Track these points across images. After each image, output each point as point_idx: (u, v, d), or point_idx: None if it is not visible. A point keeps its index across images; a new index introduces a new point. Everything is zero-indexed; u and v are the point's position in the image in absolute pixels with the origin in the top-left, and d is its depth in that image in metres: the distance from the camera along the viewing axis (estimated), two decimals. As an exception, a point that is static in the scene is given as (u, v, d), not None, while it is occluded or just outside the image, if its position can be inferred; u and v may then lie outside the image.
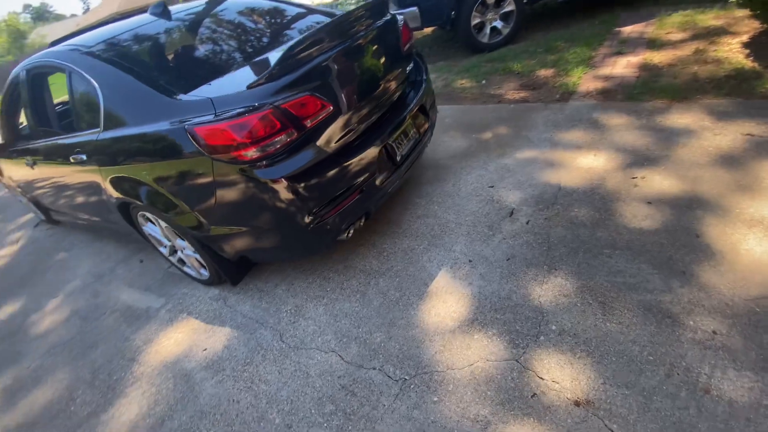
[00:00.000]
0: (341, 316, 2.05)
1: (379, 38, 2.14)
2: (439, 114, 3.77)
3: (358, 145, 1.99)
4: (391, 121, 2.16)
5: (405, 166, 2.28)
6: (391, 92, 2.22)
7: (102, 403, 2.01)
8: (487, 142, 3.16)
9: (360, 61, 2.01)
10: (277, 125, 1.65)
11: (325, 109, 1.78)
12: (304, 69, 1.75)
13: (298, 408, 1.69)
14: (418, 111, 2.41)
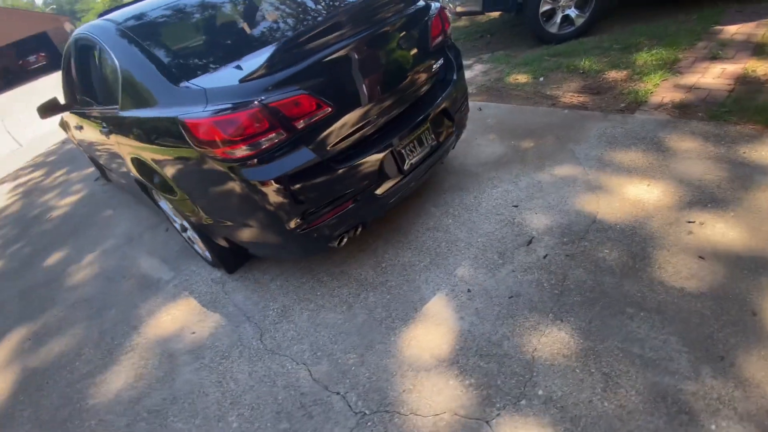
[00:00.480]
0: (322, 326, 1.96)
1: (400, 30, 1.92)
2: (482, 112, 3.46)
3: (360, 150, 1.83)
4: (403, 125, 1.96)
5: (414, 176, 2.08)
6: (408, 93, 2.00)
7: (99, 366, 2.15)
8: (525, 152, 2.82)
9: (372, 56, 1.81)
10: (265, 125, 1.54)
11: (321, 110, 1.64)
12: (302, 65, 1.61)
13: (256, 417, 1.66)
14: (440, 114, 2.17)
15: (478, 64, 4.66)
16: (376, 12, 1.85)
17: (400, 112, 1.98)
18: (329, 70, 1.68)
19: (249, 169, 1.61)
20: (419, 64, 2.04)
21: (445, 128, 2.24)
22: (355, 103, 1.77)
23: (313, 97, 1.61)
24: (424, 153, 2.10)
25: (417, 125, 1.99)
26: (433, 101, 2.11)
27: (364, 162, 1.80)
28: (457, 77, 2.25)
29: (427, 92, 2.14)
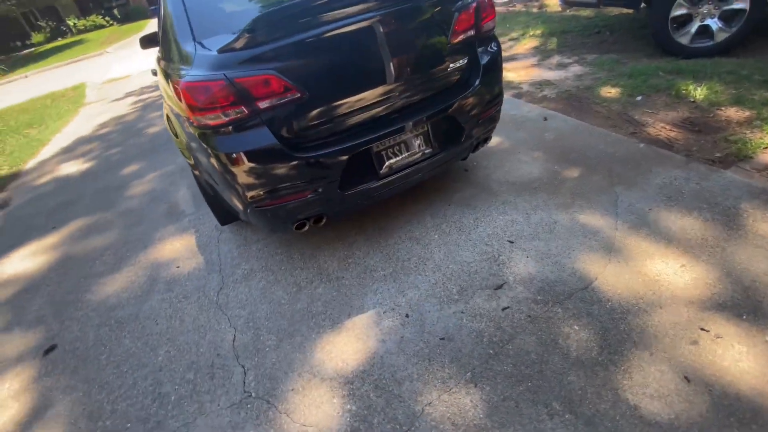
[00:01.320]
0: (267, 300, 2.03)
1: (408, 18, 1.73)
2: (545, 123, 3.04)
3: (328, 143, 1.75)
4: (388, 125, 1.81)
5: (396, 181, 1.93)
6: (404, 92, 1.82)
7: (109, 269, 2.56)
8: (562, 182, 2.40)
9: (364, 45, 1.67)
10: (230, 99, 1.56)
11: (289, 94, 1.60)
12: (278, 43, 1.56)
13: (176, 359, 1.83)
14: (444, 121, 1.95)
15: (577, 66, 4.01)
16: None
17: (390, 111, 1.83)
18: (309, 54, 1.61)
19: (211, 138, 1.67)
20: (427, 61, 1.83)
21: (450, 137, 2.01)
22: (333, 93, 1.68)
23: (281, 79, 1.56)
24: (412, 159, 1.93)
25: (405, 129, 1.82)
26: (435, 105, 1.89)
27: (328, 157, 1.72)
28: (481, 83, 1.97)
29: (434, 94, 1.93)
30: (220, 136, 1.65)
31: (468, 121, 2.00)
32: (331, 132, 1.75)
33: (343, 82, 1.68)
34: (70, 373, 1.90)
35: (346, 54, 1.65)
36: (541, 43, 4.85)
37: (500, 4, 6.75)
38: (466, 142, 2.07)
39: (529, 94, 3.66)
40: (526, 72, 4.16)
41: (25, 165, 4.82)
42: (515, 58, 4.62)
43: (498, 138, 3.03)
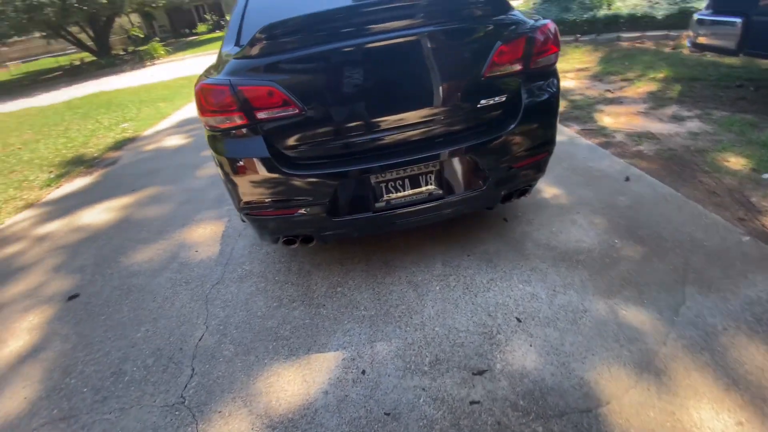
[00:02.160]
0: (246, 309, 1.99)
1: (438, 42, 1.52)
2: (626, 185, 2.52)
3: (323, 164, 1.63)
4: (392, 155, 1.62)
5: (391, 219, 1.73)
6: (419, 122, 1.62)
7: (148, 238, 2.81)
8: (616, 262, 1.92)
9: (380, 65, 1.52)
10: (232, 106, 1.55)
11: (288, 109, 1.53)
12: (285, 55, 1.50)
13: (150, 340, 1.89)
14: (461, 162, 1.68)
15: (696, 121, 3.28)
16: (418, 11, 1.50)
17: (396, 141, 1.63)
18: (315, 69, 1.52)
19: (214, 139, 1.69)
20: (450, 93, 1.59)
21: (468, 182, 1.73)
22: (335, 113, 1.56)
23: (281, 92, 1.50)
24: (416, 198, 1.71)
25: (410, 162, 1.61)
26: (453, 143, 1.64)
27: (318, 178, 1.60)
28: (519, 127, 1.66)
29: (455, 130, 1.67)
30: (221, 139, 1.66)
31: (494, 167, 1.71)
32: (328, 153, 1.63)
33: (348, 103, 1.55)
34: (74, 324, 2.10)
35: (355, 74, 1.52)
36: (660, 88, 4.10)
37: (626, 38, 5.94)
38: (490, 192, 1.77)
39: (619, 146, 3.08)
40: (628, 119, 3.53)
41: (143, 132, 5.71)
42: (621, 101, 3.98)
43: (557, 189, 2.59)
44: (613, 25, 6.10)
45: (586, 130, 3.44)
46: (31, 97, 11.49)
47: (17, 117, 8.52)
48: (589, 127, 3.51)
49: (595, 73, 4.96)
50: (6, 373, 1.86)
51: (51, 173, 4.52)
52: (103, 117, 6.96)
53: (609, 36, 6.07)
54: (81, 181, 4.19)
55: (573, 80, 4.86)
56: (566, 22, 6.46)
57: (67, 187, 4.07)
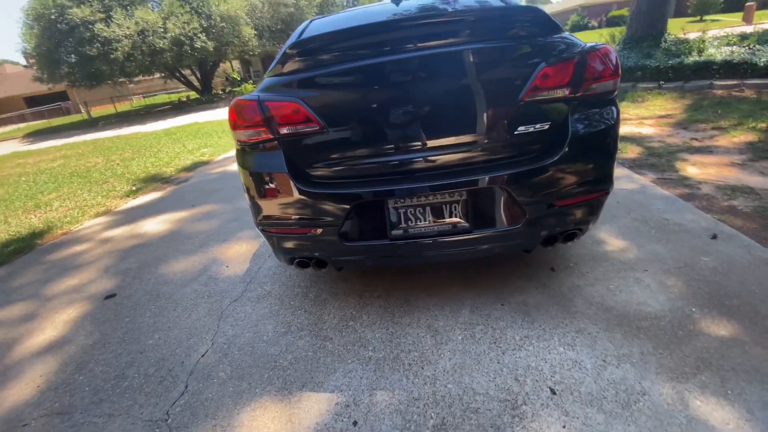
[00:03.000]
0: (254, 330, 1.90)
1: (472, 61, 1.40)
2: (711, 242, 2.12)
3: (339, 183, 1.54)
4: (413, 180, 1.48)
5: (408, 250, 1.56)
6: (446, 146, 1.47)
7: (190, 250, 2.92)
8: (691, 337, 1.52)
9: (407, 83, 1.42)
10: (257, 120, 1.55)
11: (309, 125, 1.48)
12: (311, 73, 1.48)
13: (157, 350, 1.87)
14: (493, 194, 1.48)
15: (812, 178, 2.69)
16: (452, 28, 1.41)
17: (420, 165, 1.49)
18: (340, 87, 1.47)
19: (242, 154, 1.70)
20: (484, 117, 1.43)
21: (498, 217, 1.52)
22: (356, 132, 1.48)
23: (305, 109, 1.47)
24: (437, 230, 1.52)
25: (431, 189, 1.45)
26: (484, 171, 1.45)
27: (331, 198, 1.50)
28: (565, 158, 1.43)
29: (488, 158, 1.49)
30: (246, 154, 1.66)
31: (532, 203, 1.47)
32: (345, 173, 1.54)
33: (370, 122, 1.47)
34: (102, 322, 2.17)
35: (379, 92, 1.44)
36: (760, 139, 3.50)
37: (721, 86, 5.31)
38: (527, 231, 1.53)
39: (705, 199, 2.61)
40: (718, 171, 3.02)
41: (217, 157, 6.25)
42: (710, 150, 3.46)
43: (621, 241, 2.22)
44: (704, 72, 5.53)
45: (663, 180, 3.00)
46: (143, 125, 13.45)
47: (126, 139, 9.96)
48: (668, 176, 3.06)
49: (680, 121, 4.44)
50: (34, 359, 1.95)
51: (133, 186, 5.07)
52: (190, 142, 7.82)
53: (700, 83, 5.49)
54: (154, 195, 4.62)
55: (652, 127, 4.39)
56: (648, 68, 6.00)
57: (141, 199, 4.50)
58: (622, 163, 3.45)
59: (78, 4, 14.69)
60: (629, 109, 5.27)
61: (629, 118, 4.88)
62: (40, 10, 14.43)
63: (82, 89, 18.61)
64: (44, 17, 14.45)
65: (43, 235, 3.72)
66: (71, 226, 3.86)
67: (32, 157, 9.89)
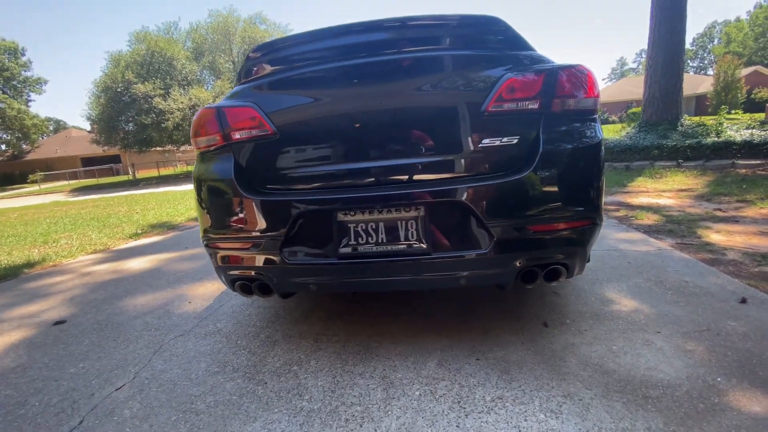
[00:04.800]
0: (183, 368, 1.64)
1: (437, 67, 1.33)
2: (739, 306, 1.83)
3: (284, 190, 1.40)
4: (364, 190, 1.32)
5: (360, 271, 1.34)
6: (404, 155, 1.33)
7: (161, 285, 2.76)
8: (713, 411, 1.15)
9: (363, 88, 1.35)
10: (213, 126, 1.50)
11: (260, 129, 1.41)
12: (267, 78, 1.45)
13: (75, 379, 1.62)
14: (455, 211, 1.29)
15: None
16: (412, 34, 1.37)
17: (372, 176, 1.34)
18: (294, 91, 1.42)
19: (196, 164, 1.63)
20: (443, 127, 1.31)
21: (461, 238, 1.30)
22: (308, 137, 1.39)
23: (258, 113, 1.41)
24: (391, 249, 1.32)
25: (382, 200, 1.28)
26: (441, 184, 1.28)
27: (273, 205, 1.36)
28: (534, 175, 1.25)
29: (448, 171, 1.32)
30: (200, 161, 1.59)
31: (500, 224, 1.26)
32: (294, 181, 1.41)
33: (323, 128, 1.38)
34: (37, 347, 1.96)
35: (335, 98, 1.37)
36: (795, 211, 3.18)
37: (744, 165, 5.09)
38: (497, 258, 1.29)
39: (732, 264, 2.27)
40: (744, 238, 2.69)
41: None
42: (736, 220, 3.14)
43: (632, 301, 1.89)
44: (724, 152, 5.37)
45: (683, 244, 2.68)
46: (177, 185, 14.32)
47: (155, 195, 10.52)
48: (688, 241, 2.74)
49: (701, 194, 4.18)
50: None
51: (139, 230, 5.14)
52: (209, 198, 8.10)
53: (721, 162, 5.30)
54: (154, 238, 4.63)
55: (671, 199, 4.14)
56: (665, 147, 5.92)
57: (141, 241, 4.50)
58: (636, 228, 3.18)
59: (143, 81, 16.89)
60: (646, 183, 5.08)
61: (646, 191, 4.66)
62: (109, 83, 16.64)
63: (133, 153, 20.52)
64: (111, 89, 16.59)
65: (34, 265, 3.69)
66: (63, 260, 3.84)
67: (68, 205, 10.53)
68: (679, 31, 6.99)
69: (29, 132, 31.34)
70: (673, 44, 7.01)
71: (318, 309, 2.08)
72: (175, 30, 21.96)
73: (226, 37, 20.79)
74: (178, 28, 22.09)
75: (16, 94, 32.97)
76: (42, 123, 33.56)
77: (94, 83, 17.48)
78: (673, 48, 7.02)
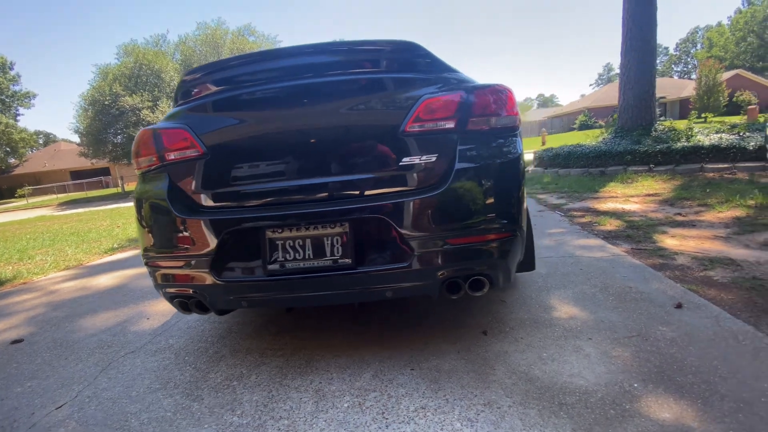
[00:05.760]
0: (129, 383, 1.66)
1: (359, 90, 1.39)
2: (674, 312, 1.87)
3: (214, 209, 1.44)
4: (290, 208, 1.37)
5: (290, 287, 1.38)
6: (326, 174, 1.38)
7: (123, 302, 2.77)
8: (626, 416, 1.20)
9: (289, 111, 1.41)
10: (150, 148, 1.55)
11: (193, 149, 1.45)
12: (200, 101, 1.50)
13: (21, 398, 1.63)
14: (377, 228, 1.34)
15: (803, 252, 2.41)
16: (335, 59, 1.43)
17: (298, 195, 1.39)
18: (225, 112, 1.48)
19: (137, 181, 1.67)
20: (363, 146, 1.37)
21: (384, 253, 1.35)
22: (236, 157, 1.44)
23: (189, 134, 1.46)
24: (316, 265, 1.36)
25: (306, 217, 1.33)
26: (363, 201, 1.33)
27: (204, 224, 1.40)
28: (449, 192, 1.30)
29: (371, 188, 1.38)
30: (140, 182, 1.63)
31: (420, 238, 1.32)
32: (224, 200, 1.46)
33: (251, 149, 1.44)
34: (-13, 369, 1.97)
35: (261, 119, 1.43)
36: (749, 214, 3.27)
37: (712, 169, 5.21)
38: (420, 271, 1.34)
39: (679, 269, 2.34)
40: (698, 243, 2.77)
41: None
42: (693, 224, 3.22)
43: (572, 308, 1.95)
44: (694, 156, 5.50)
45: (637, 250, 2.75)
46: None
47: (140, 207, 10.46)
48: (643, 246, 2.81)
49: (666, 198, 4.28)
50: None
51: (116, 245, 5.13)
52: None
53: (690, 166, 5.43)
54: (129, 253, 4.63)
55: (637, 204, 4.23)
56: (638, 152, 6.05)
57: (116, 256, 4.50)
58: (597, 234, 3.25)
59: (131, 93, 16.91)
60: (617, 188, 5.18)
61: (615, 196, 4.75)
62: (97, 96, 16.65)
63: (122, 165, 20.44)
64: (99, 102, 16.60)
65: (4, 283, 3.68)
66: (35, 277, 3.83)
67: (52, 220, 10.47)
68: (650, 39, 7.18)
69: (17, 146, 31.17)
70: (645, 52, 7.19)
71: (270, 324, 2.11)
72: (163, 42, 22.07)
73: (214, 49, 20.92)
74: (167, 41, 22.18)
75: (5, 108, 32.84)
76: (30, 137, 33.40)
77: (81, 96, 17.49)
78: (645, 56, 7.20)
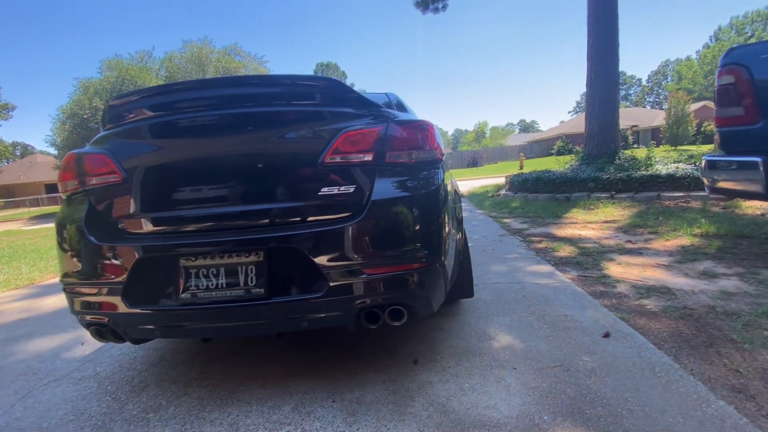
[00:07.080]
0: (44, 414, 1.59)
1: (279, 122, 1.43)
2: (601, 341, 1.92)
3: (129, 236, 1.44)
4: (203, 236, 1.38)
5: (204, 317, 1.37)
6: (243, 203, 1.40)
7: (67, 326, 2.68)
8: (522, 451, 1.20)
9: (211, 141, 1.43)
10: (73, 172, 1.55)
11: (112, 176, 1.46)
12: (123, 126, 1.52)
13: None
14: (291, 256, 1.35)
15: (734, 280, 2.52)
16: (258, 92, 1.48)
17: (213, 223, 1.40)
18: (144, 140, 1.50)
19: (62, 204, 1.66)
20: (283, 178, 1.39)
21: (299, 283, 1.36)
22: (154, 185, 1.45)
23: (110, 160, 1.47)
24: (229, 295, 1.35)
25: (218, 245, 1.34)
26: (278, 230, 1.35)
27: (116, 252, 1.39)
28: (364, 223, 1.34)
29: (287, 218, 1.40)
30: (63, 204, 1.62)
31: (334, 268, 1.33)
32: (140, 227, 1.46)
33: (170, 176, 1.45)
34: None
35: (180, 148, 1.45)
36: (694, 243, 3.40)
37: (669, 197, 5.43)
38: (336, 301, 1.35)
39: (616, 297, 2.40)
40: (640, 271, 2.85)
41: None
42: (641, 252, 3.33)
43: (507, 336, 1.97)
44: (652, 185, 5.73)
45: (583, 277, 2.82)
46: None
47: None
48: (589, 274, 2.89)
49: (621, 225, 4.42)
50: None
51: (75, 263, 4.98)
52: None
53: (648, 194, 5.64)
54: (87, 271, 4.50)
55: (594, 230, 4.35)
56: (600, 180, 6.27)
57: (72, 275, 4.36)
58: (548, 261, 3.32)
59: (111, 109, 16.74)
60: (579, 214, 5.33)
61: (575, 222, 4.89)
62: (76, 110, 16.42)
63: (98, 180, 20.01)
64: (78, 115, 16.37)
65: (-55, 304, 3.51)
66: (-21, 298, 3.67)
67: (19, 235, 10.11)
68: (613, 73, 7.57)
69: (-8, 157, 30.30)
70: (608, 84, 7.55)
71: (204, 351, 2.06)
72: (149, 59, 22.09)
73: (199, 66, 21.04)
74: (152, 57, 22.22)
75: (-19, 119, 32.03)
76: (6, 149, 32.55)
77: (59, 109, 17.24)
78: (608, 87, 7.56)
